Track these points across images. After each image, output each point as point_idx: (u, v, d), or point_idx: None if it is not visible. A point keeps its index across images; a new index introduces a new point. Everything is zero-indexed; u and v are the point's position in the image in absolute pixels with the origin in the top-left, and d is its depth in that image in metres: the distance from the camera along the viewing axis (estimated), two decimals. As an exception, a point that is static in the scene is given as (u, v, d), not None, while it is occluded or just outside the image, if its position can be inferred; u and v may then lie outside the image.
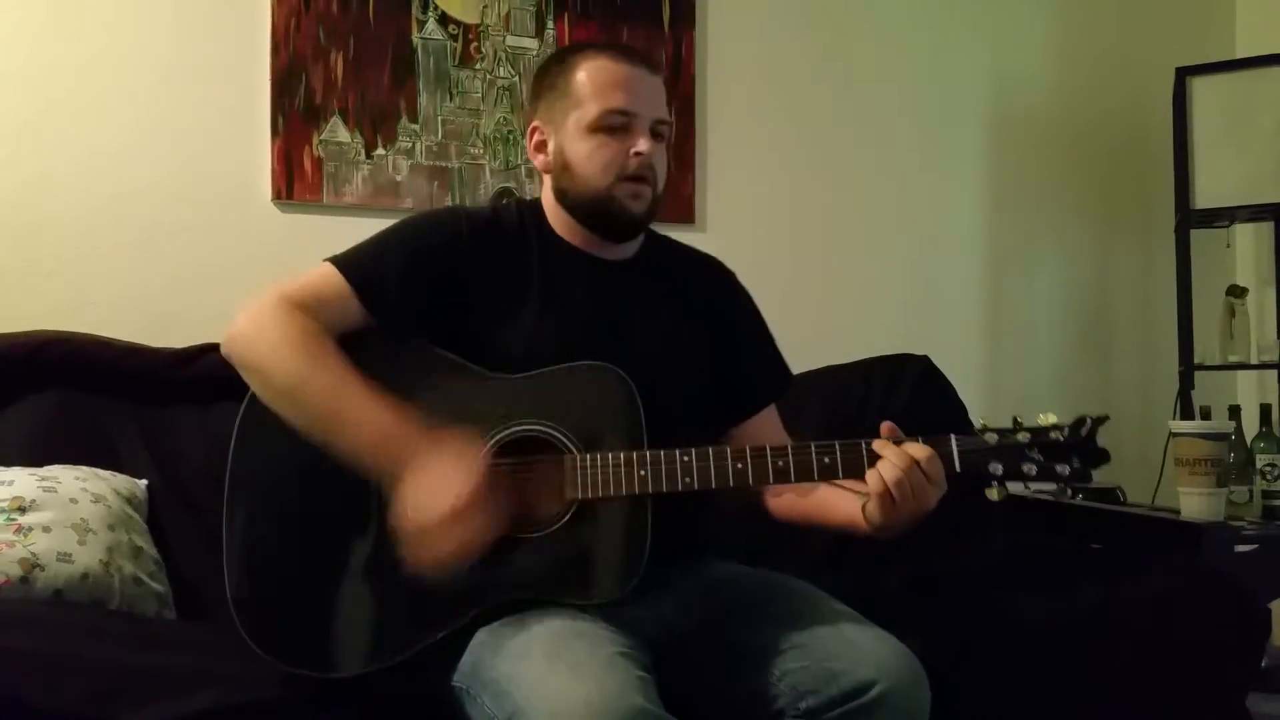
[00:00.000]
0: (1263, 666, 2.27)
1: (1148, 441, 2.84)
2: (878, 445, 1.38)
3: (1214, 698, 1.96)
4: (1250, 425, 2.67)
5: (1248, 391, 3.05)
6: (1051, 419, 1.41)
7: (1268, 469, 2.62)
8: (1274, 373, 2.82)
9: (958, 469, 1.39)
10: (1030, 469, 1.39)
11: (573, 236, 1.60)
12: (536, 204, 1.65)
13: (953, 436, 1.40)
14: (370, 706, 1.39)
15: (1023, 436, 1.40)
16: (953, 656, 1.61)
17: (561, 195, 1.58)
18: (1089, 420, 1.40)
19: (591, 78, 1.53)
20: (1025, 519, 2.48)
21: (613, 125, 1.51)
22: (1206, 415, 2.64)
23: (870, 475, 1.37)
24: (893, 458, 1.35)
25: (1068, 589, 1.93)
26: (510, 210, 1.64)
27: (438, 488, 1.31)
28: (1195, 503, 2.42)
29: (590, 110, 1.51)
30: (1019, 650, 1.76)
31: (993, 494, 1.39)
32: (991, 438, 1.40)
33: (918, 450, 1.36)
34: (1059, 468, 1.39)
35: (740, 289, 1.75)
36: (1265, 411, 2.70)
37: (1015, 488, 1.42)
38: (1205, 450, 2.42)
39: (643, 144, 1.52)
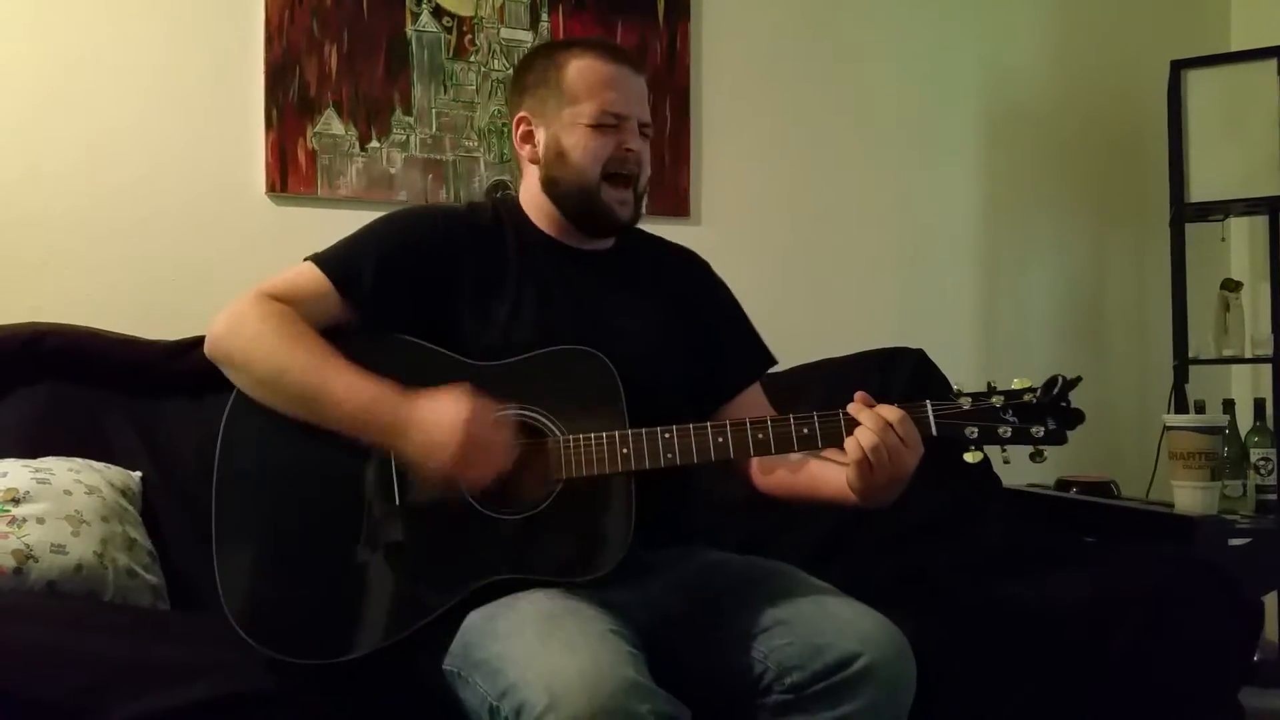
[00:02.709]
0: (1255, 660, 2.28)
1: (1142, 435, 2.84)
2: (852, 409, 1.41)
3: (1207, 691, 1.97)
4: (1244, 419, 2.68)
5: (1242, 385, 3.06)
6: (1026, 383, 1.44)
7: (1261, 463, 2.63)
8: (1268, 367, 2.82)
9: (934, 433, 1.42)
10: (1005, 431, 1.42)
11: (552, 228, 1.65)
12: (513, 201, 1.69)
13: (928, 401, 1.43)
14: (363, 694, 1.39)
15: (997, 400, 1.43)
16: (945, 646, 1.61)
17: (552, 185, 1.61)
18: (1060, 380, 1.43)
19: (584, 76, 1.59)
20: (1019, 512, 2.48)
21: (606, 124, 1.58)
22: (1201, 409, 2.64)
23: (848, 443, 1.40)
24: (868, 422, 1.39)
25: (1061, 582, 1.93)
26: (485, 208, 1.68)
27: (444, 416, 1.35)
28: (1189, 496, 2.43)
29: (586, 108, 1.57)
30: (1012, 642, 1.76)
31: (970, 457, 1.43)
32: (966, 402, 1.43)
33: (891, 413, 1.40)
34: (1034, 429, 1.42)
35: (715, 276, 1.79)
36: (1259, 405, 2.71)
37: (992, 451, 1.45)
38: (1199, 444, 2.43)
39: (634, 143, 1.59)
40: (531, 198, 1.66)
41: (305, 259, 1.55)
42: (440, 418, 1.36)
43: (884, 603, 1.45)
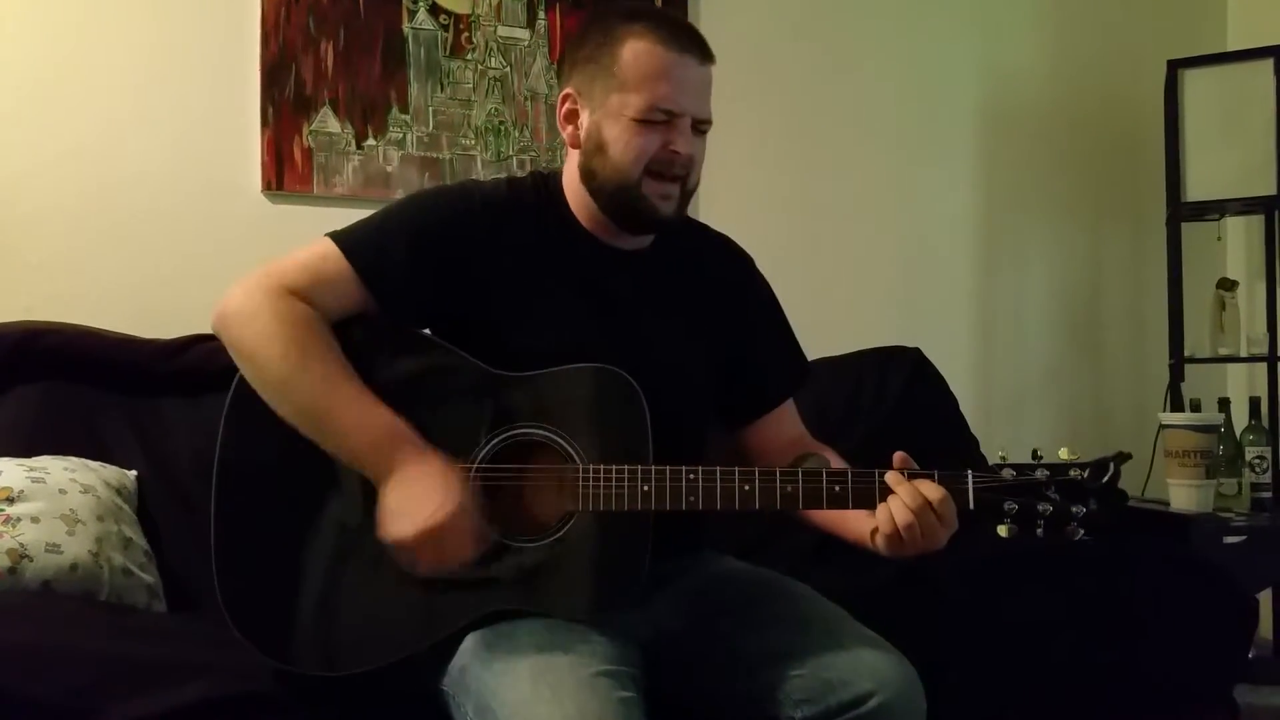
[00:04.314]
0: (1250, 657, 2.28)
1: (1138, 433, 2.84)
2: (891, 480, 1.32)
3: (1202, 688, 1.97)
4: (1239, 417, 2.69)
5: (1237, 384, 3.07)
6: (1073, 455, 1.36)
7: (1256, 461, 2.63)
8: (1264, 365, 2.83)
9: (971, 507, 1.34)
10: (1045, 508, 1.33)
11: (590, 221, 1.52)
12: (555, 180, 1.55)
13: (969, 473, 1.34)
14: (358, 701, 1.38)
15: (1041, 474, 1.35)
16: (943, 649, 1.61)
17: (589, 176, 1.48)
18: (1112, 465, 1.35)
19: (639, 63, 1.42)
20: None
21: (654, 120, 1.43)
22: (1196, 407, 2.65)
23: (880, 511, 1.33)
24: (905, 498, 1.31)
25: (1057, 580, 1.93)
26: (526, 187, 1.54)
27: (416, 503, 1.27)
28: (1184, 494, 2.43)
29: (634, 101, 1.42)
30: (1007, 641, 1.77)
31: (1004, 531, 1.34)
32: (1009, 474, 1.35)
33: (931, 491, 1.31)
34: (1074, 508, 1.33)
35: (757, 275, 1.68)
36: (1254, 404, 2.71)
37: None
38: (1195, 442, 2.44)
39: (683, 144, 1.44)
40: (571, 184, 1.52)
41: (326, 235, 1.44)
42: (422, 500, 1.28)
43: (881, 607, 1.44)
